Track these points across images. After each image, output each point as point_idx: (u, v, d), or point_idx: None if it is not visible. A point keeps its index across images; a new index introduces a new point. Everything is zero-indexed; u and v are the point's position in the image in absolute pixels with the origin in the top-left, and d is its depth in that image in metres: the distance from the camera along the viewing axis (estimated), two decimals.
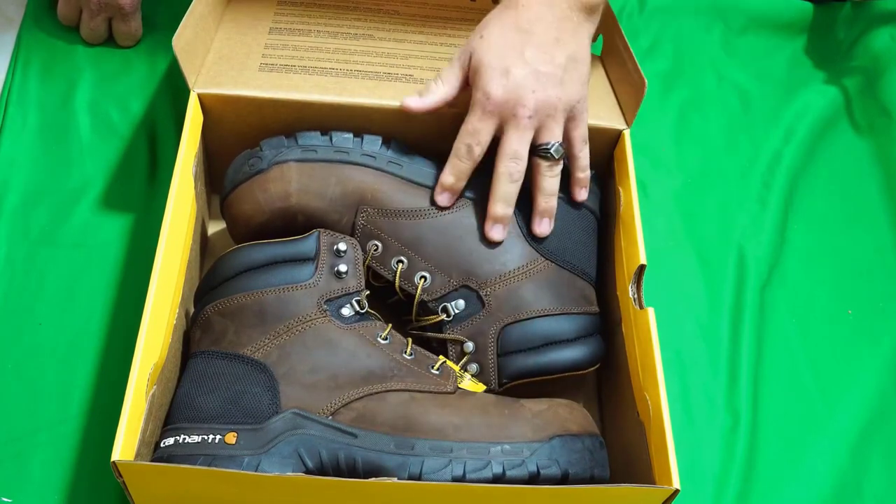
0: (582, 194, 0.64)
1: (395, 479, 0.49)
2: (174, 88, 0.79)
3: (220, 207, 0.65)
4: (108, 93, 0.78)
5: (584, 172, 0.63)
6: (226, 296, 0.58)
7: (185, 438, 0.53)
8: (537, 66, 0.59)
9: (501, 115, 0.59)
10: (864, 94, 0.89)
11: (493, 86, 0.58)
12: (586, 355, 0.61)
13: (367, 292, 0.60)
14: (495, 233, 0.61)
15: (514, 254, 0.62)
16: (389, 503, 0.51)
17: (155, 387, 0.53)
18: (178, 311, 0.58)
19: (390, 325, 0.59)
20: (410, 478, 0.51)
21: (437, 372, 0.57)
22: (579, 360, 0.61)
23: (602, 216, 0.67)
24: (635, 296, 0.59)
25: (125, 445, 0.49)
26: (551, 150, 0.60)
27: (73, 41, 0.81)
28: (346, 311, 0.58)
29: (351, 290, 0.58)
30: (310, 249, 0.58)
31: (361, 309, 0.58)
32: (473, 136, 0.60)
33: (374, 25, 0.72)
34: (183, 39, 0.62)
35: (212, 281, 0.59)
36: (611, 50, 0.71)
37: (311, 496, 0.50)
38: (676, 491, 0.49)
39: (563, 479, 0.53)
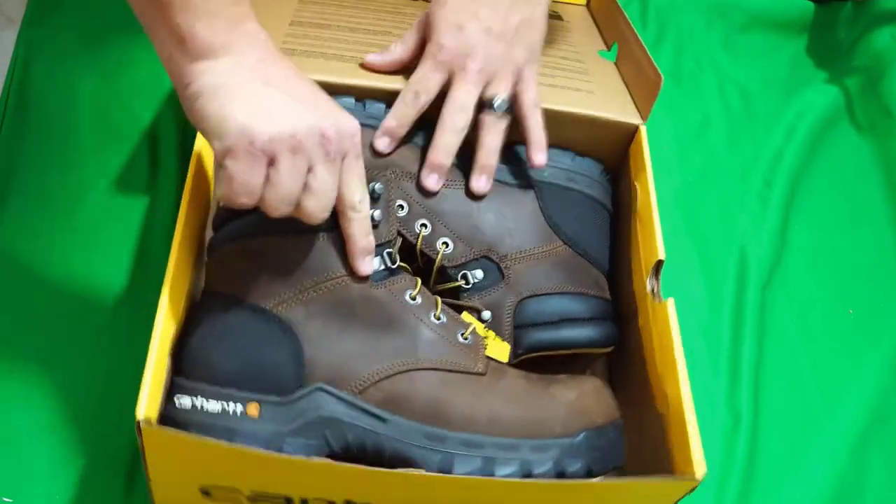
0: (540, 157, 0.62)
1: (422, 471, 0.48)
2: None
3: (213, 223, 0.64)
4: (108, 93, 0.78)
5: (539, 133, 0.62)
6: (249, 234, 0.54)
7: (202, 405, 0.51)
8: (490, 24, 0.60)
9: (451, 66, 0.60)
10: (866, 94, 0.89)
11: (446, 38, 0.60)
12: (601, 334, 0.62)
13: (400, 241, 0.58)
14: (430, 182, 0.61)
15: (535, 234, 0.62)
16: (414, 494, 0.51)
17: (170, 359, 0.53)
18: (192, 289, 0.57)
19: (419, 280, 0.57)
20: (440, 471, 0.51)
21: (466, 341, 0.56)
22: (594, 337, 0.61)
23: (615, 214, 0.68)
24: (654, 289, 0.59)
25: (149, 405, 0.47)
26: (495, 105, 0.60)
27: (74, 41, 0.81)
28: (377, 264, 0.55)
29: (383, 240, 0.55)
30: None
31: (393, 263, 0.56)
32: (421, 84, 0.60)
33: (394, 24, 0.73)
34: None
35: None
36: (625, 51, 0.71)
37: (330, 482, 0.50)
38: (697, 480, 0.50)
39: (587, 475, 0.53)
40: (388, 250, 0.55)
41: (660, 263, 0.59)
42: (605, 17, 0.77)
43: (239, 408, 0.51)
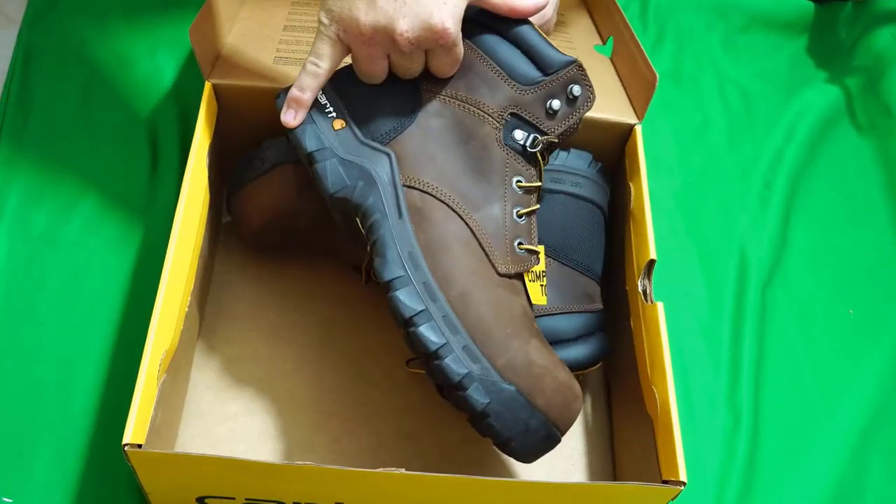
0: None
1: (402, 471, 0.48)
2: (176, 87, 0.79)
3: (227, 205, 0.65)
4: (109, 92, 0.78)
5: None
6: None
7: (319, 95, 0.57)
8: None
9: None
10: (866, 94, 0.89)
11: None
12: (586, 355, 0.61)
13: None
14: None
15: None
16: (403, 495, 0.51)
17: (166, 374, 0.53)
18: (189, 299, 0.58)
19: (537, 185, 0.58)
20: (382, 283, 0.52)
21: (519, 251, 0.56)
22: (579, 359, 0.61)
23: (611, 212, 0.68)
24: (646, 290, 0.60)
25: (136, 430, 0.48)
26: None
27: (74, 41, 0.81)
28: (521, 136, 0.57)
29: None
30: None
31: (532, 146, 0.58)
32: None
33: None
34: (199, 31, 0.62)
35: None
36: (621, 47, 0.71)
37: (318, 484, 0.50)
38: (683, 484, 0.50)
39: (496, 435, 0.52)
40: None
41: (651, 264, 0.59)
42: (602, 12, 0.77)
43: (333, 114, 0.56)
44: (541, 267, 0.59)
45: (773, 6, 0.94)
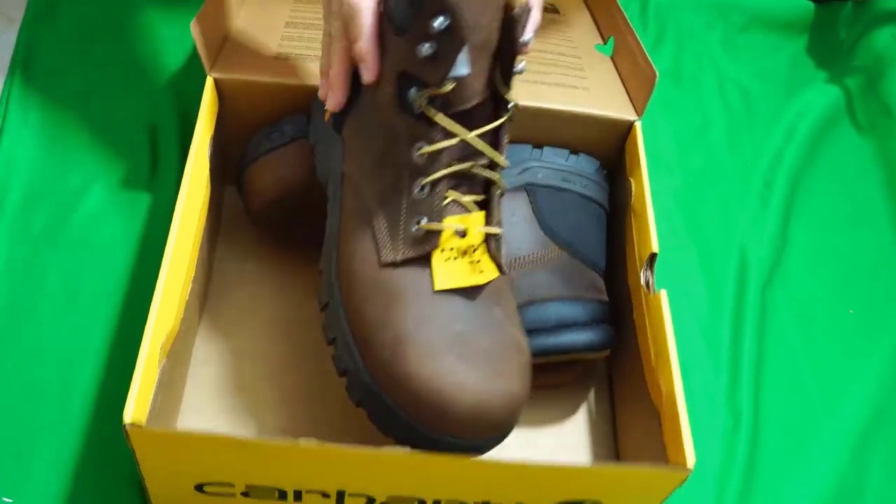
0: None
1: (407, 450, 0.48)
2: (177, 83, 0.79)
3: (238, 180, 0.66)
4: (109, 90, 0.78)
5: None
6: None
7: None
8: None
9: None
10: (866, 94, 0.89)
11: None
12: (599, 338, 0.62)
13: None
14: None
15: (530, 240, 0.62)
16: (407, 478, 0.51)
17: (166, 359, 0.53)
18: (190, 287, 0.58)
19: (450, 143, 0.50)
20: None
21: (414, 230, 0.50)
22: (593, 342, 0.61)
23: (612, 209, 0.68)
24: (648, 281, 0.60)
25: (137, 410, 0.48)
26: None
27: (74, 41, 0.81)
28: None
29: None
30: None
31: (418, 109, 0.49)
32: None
33: None
34: (201, 25, 0.62)
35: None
36: (621, 45, 0.71)
37: (321, 466, 0.50)
38: (689, 469, 0.50)
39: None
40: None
41: (653, 256, 0.60)
42: (602, 11, 0.77)
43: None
44: (476, 240, 0.50)
45: (773, 6, 0.94)
